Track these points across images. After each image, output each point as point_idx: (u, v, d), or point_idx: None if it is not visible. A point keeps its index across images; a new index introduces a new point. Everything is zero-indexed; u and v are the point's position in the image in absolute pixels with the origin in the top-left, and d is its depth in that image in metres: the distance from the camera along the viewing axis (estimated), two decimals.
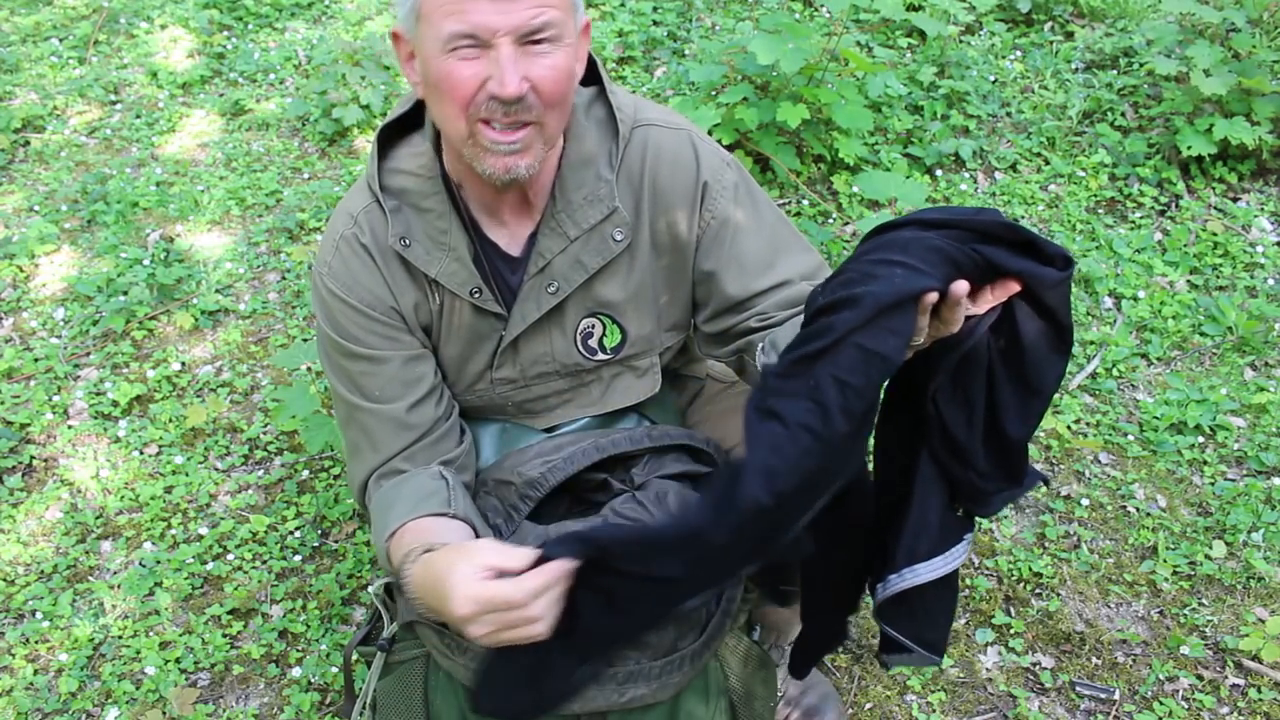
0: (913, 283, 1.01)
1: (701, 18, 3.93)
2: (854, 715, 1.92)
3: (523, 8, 1.16)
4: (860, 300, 1.01)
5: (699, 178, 1.37)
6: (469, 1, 1.15)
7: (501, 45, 1.17)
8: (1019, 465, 1.20)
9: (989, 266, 1.04)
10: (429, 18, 1.18)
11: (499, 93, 1.18)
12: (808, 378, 1.03)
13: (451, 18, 1.16)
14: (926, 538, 1.21)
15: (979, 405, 1.14)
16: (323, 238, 1.42)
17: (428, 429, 1.42)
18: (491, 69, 1.18)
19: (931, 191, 3.14)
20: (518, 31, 1.17)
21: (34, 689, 1.99)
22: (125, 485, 2.38)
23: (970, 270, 1.03)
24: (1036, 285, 1.05)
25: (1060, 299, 1.07)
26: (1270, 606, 2.08)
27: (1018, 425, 1.15)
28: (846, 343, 1.01)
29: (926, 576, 1.22)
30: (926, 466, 1.19)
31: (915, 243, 1.04)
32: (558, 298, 1.40)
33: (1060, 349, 1.12)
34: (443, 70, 1.19)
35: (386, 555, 1.34)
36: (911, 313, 1.01)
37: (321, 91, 3.47)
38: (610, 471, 1.44)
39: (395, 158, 1.38)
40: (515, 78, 1.18)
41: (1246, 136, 2.98)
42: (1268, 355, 2.64)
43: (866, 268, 1.05)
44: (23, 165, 3.42)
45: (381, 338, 1.40)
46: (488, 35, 1.16)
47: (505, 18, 1.16)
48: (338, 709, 1.90)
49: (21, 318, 2.83)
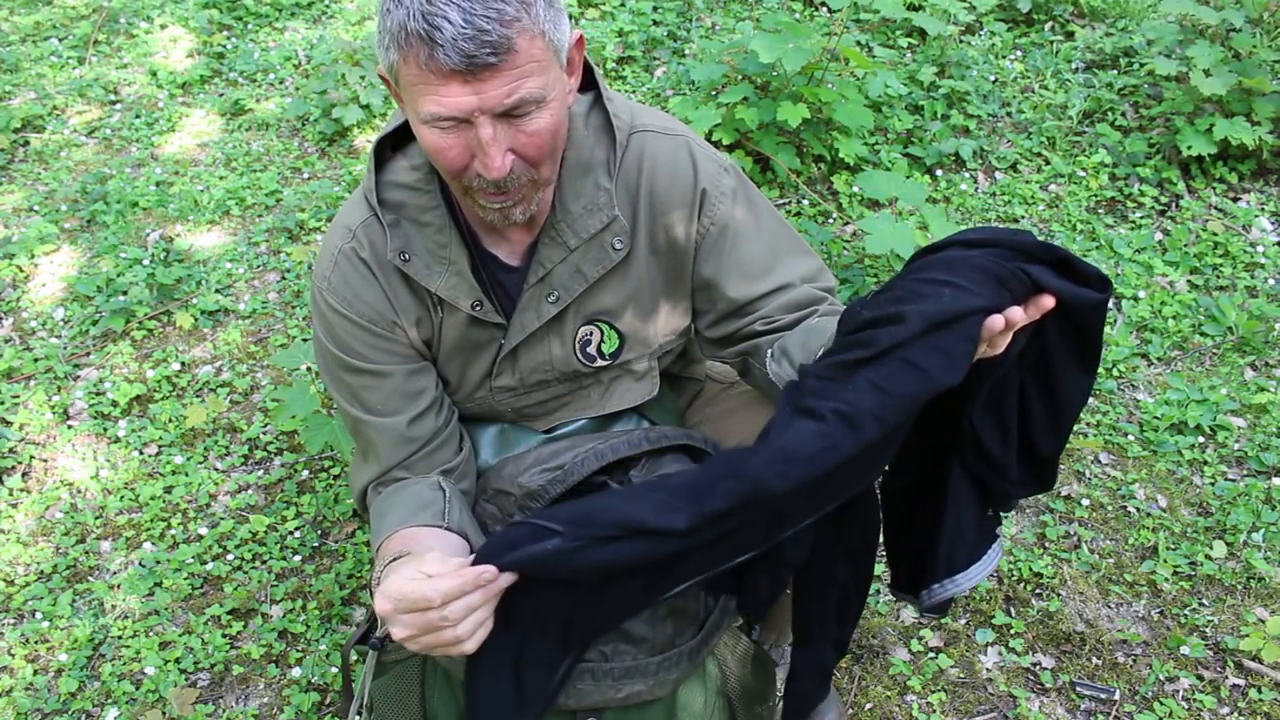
0: (961, 302, 1.02)
1: (701, 17, 3.93)
2: (854, 715, 1.92)
3: (497, 85, 1.11)
4: (908, 317, 1.02)
5: (697, 184, 1.37)
6: (442, 84, 1.11)
7: (481, 124, 1.14)
8: (1051, 473, 1.24)
9: (1033, 286, 1.04)
10: (408, 90, 1.15)
11: (484, 174, 1.18)
12: (846, 382, 1.04)
13: (427, 99, 1.12)
14: (964, 547, 1.25)
15: (1013, 424, 1.16)
16: (320, 251, 1.41)
17: (428, 440, 1.42)
18: (475, 147, 1.16)
19: (931, 191, 3.14)
20: (495, 110, 1.13)
21: (34, 689, 1.99)
22: (125, 485, 2.38)
23: (1017, 289, 1.04)
24: (1076, 305, 1.06)
25: (1098, 319, 1.09)
26: (1270, 607, 2.07)
27: (1050, 440, 1.18)
28: (892, 355, 1.02)
29: (966, 585, 1.26)
30: (959, 478, 1.21)
31: (961, 262, 1.04)
32: (557, 307, 1.40)
33: (1089, 367, 1.14)
34: (427, 140, 1.18)
35: (378, 555, 1.34)
36: (962, 333, 1.02)
37: (321, 91, 3.47)
38: (609, 474, 1.44)
39: (392, 170, 1.37)
40: (499, 159, 1.16)
41: (1247, 136, 2.98)
42: (1268, 355, 2.64)
43: (915, 286, 1.05)
44: (23, 165, 3.42)
45: (383, 352, 1.40)
46: (466, 115, 1.14)
47: (481, 98, 1.12)
48: (337, 709, 1.90)
49: (21, 318, 2.83)
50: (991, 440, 1.16)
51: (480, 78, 1.10)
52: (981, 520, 1.25)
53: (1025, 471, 1.21)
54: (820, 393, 1.05)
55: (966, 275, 1.03)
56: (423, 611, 1.06)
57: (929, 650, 2.02)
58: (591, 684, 1.29)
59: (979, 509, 1.24)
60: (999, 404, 1.15)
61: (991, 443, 1.17)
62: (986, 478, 1.21)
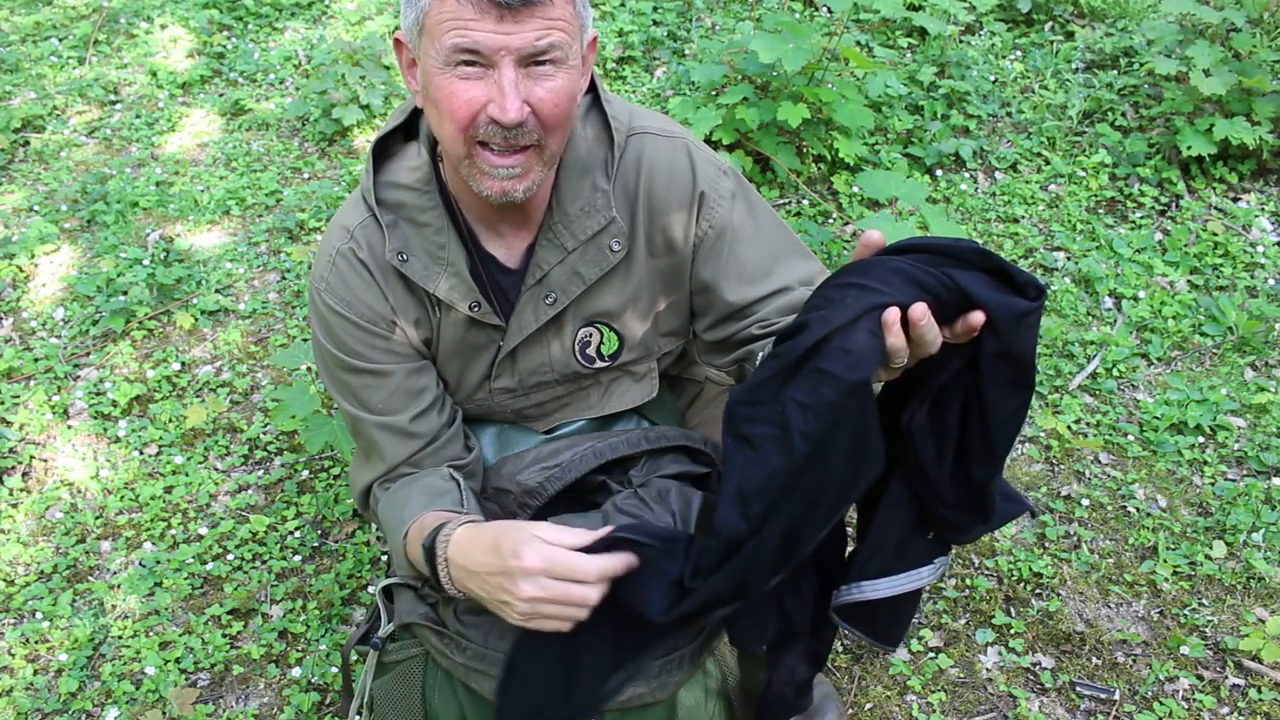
0: (864, 301, 1.01)
1: (701, 18, 3.93)
2: (854, 715, 1.92)
3: (529, 28, 1.13)
4: (810, 325, 1.03)
5: (695, 187, 1.37)
6: (474, 19, 1.12)
7: (504, 66, 1.15)
8: (984, 502, 1.17)
9: (960, 292, 1.02)
10: (431, 30, 1.16)
11: (499, 117, 1.16)
12: (774, 403, 1.04)
13: (453, 33, 1.13)
14: (881, 556, 1.19)
15: (950, 440, 1.11)
16: (318, 252, 1.41)
17: (433, 437, 1.42)
18: (492, 91, 1.16)
19: (931, 191, 3.14)
20: (521, 52, 1.14)
21: (34, 689, 1.99)
22: (125, 485, 2.38)
23: (940, 292, 1.02)
24: (1002, 315, 1.01)
25: (1025, 331, 1.03)
26: (1270, 606, 2.07)
27: (982, 463, 1.12)
28: (805, 367, 1.03)
29: (872, 595, 1.20)
30: (896, 487, 1.18)
31: (876, 265, 1.04)
32: (556, 309, 1.40)
33: (1022, 384, 1.08)
34: (443, 88, 1.17)
35: (403, 542, 1.33)
36: (863, 329, 1.01)
37: (321, 91, 3.47)
38: (608, 473, 1.44)
39: (390, 170, 1.37)
40: (516, 102, 1.15)
41: (1247, 136, 2.98)
42: (1268, 355, 2.64)
43: (827, 293, 1.06)
44: (23, 165, 3.42)
45: (383, 351, 1.40)
46: (490, 54, 1.14)
47: (509, 38, 1.13)
48: (337, 709, 1.90)
49: (21, 318, 2.83)
50: (927, 453, 1.12)
51: (516, 17, 1.12)
52: (911, 537, 1.20)
53: (961, 495, 1.15)
54: (751, 418, 1.06)
55: (878, 277, 1.03)
56: (570, 583, 1.09)
57: (929, 650, 2.02)
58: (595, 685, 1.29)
59: (911, 525, 1.19)
60: (940, 417, 1.11)
61: (927, 455, 1.13)
62: (923, 494, 1.16)
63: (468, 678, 1.33)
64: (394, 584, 1.42)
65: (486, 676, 1.31)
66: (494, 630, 1.31)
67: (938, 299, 1.02)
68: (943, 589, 2.12)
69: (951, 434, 1.11)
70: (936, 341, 1.03)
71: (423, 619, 1.35)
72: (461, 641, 1.32)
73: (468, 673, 1.33)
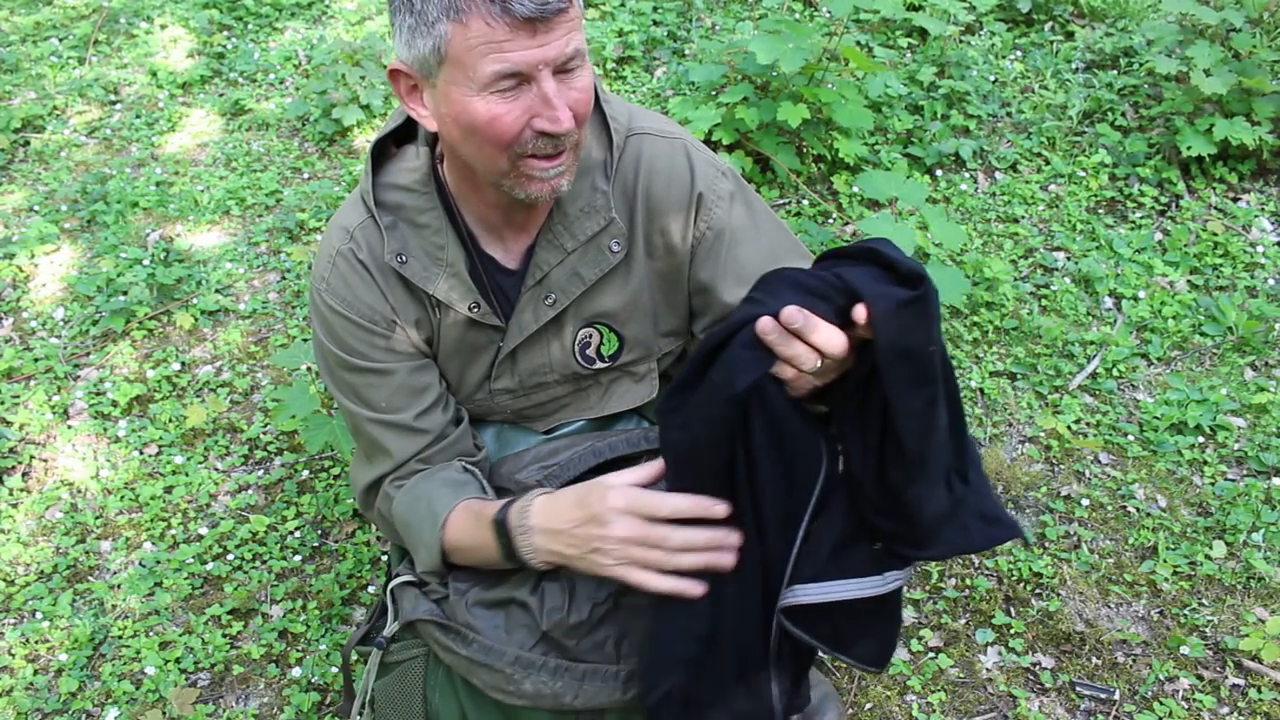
0: (742, 313, 1.06)
1: (701, 18, 3.93)
2: (854, 715, 1.92)
3: (557, 35, 1.14)
4: (705, 340, 1.09)
5: (694, 188, 1.37)
6: (507, 39, 1.12)
7: (544, 79, 1.15)
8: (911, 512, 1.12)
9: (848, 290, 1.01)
10: (460, 59, 1.15)
11: (551, 129, 1.17)
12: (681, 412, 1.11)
13: (490, 58, 1.13)
14: (812, 562, 1.17)
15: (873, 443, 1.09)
16: (318, 252, 1.42)
17: (440, 433, 1.42)
18: (534, 105, 1.17)
19: (931, 192, 3.14)
20: (556, 63, 1.15)
21: (34, 689, 1.99)
22: (125, 485, 2.38)
23: (828, 294, 1.02)
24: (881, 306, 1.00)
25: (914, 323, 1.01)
26: (1270, 606, 2.07)
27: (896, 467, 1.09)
28: (702, 379, 1.08)
29: (804, 599, 1.17)
30: (839, 494, 1.16)
31: (774, 277, 1.08)
32: (555, 309, 1.40)
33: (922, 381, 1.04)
34: (482, 112, 1.17)
35: (441, 532, 1.34)
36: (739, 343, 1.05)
37: (321, 91, 3.47)
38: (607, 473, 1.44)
39: (389, 172, 1.37)
40: (566, 111, 1.17)
41: (1247, 136, 2.98)
42: (1268, 355, 2.64)
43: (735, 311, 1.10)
44: (23, 165, 3.42)
45: (384, 351, 1.40)
46: (530, 71, 1.15)
47: (544, 49, 1.14)
48: (337, 709, 1.90)
49: (21, 318, 2.83)
50: (855, 457, 1.12)
51: (548, 27, 1.13)
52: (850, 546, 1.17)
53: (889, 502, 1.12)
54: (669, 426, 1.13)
55: (770, 289, 1.06)
56: (646, 520, 1.16)
57: (929, 650, 2.02)
58: (599, 685, 1.30)
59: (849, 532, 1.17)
60: (866, 420, 1.09)
61: (855, 459, 1.12)
62: (858, 500, 1.15)
63: (470, 672, 1.33)
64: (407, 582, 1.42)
65: (490, 670, 1.31)
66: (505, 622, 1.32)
67: (829, 301, 1.02)
68: (943, 589, 2.12)
69: (874, 437, 1.09)
70: (832, 343, 1.02)
71: (427, 614, 1.36)
72: (467, 634, 1.32)
73: (470, 667, 1.33)
